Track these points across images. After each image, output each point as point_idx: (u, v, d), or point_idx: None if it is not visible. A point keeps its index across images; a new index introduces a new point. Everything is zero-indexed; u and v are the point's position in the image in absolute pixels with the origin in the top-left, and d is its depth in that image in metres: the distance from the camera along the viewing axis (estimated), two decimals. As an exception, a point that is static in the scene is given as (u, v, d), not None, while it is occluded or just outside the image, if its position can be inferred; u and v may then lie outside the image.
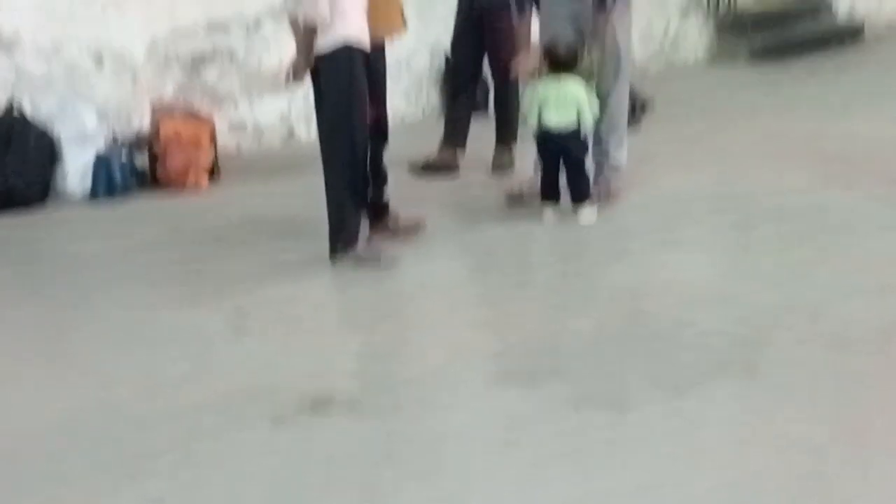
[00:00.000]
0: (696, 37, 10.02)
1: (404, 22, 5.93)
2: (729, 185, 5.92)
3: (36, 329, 5.00)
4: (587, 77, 5.81)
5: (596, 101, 5.72)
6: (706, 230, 5.31)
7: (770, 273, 4.59)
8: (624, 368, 3.98)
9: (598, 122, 5.97)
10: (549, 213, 5.84)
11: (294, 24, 5.30)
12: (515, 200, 6.11)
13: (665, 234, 5.35)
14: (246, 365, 4.37)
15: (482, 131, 7.08)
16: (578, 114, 5.70)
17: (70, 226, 6.70)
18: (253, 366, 4.37)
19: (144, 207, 6.95)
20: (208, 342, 4.57)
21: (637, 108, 7.81)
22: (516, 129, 6.92)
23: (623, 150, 6.09)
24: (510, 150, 6.94)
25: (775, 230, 5.08)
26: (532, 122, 5.88)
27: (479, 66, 7.15)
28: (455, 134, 7.03)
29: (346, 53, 5.18)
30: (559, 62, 5.71)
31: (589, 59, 5.97)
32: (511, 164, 6.84)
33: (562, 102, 5.68)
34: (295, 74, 5.31)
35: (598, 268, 5.02)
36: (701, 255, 5.00)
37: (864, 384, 3.63)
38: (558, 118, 5.70)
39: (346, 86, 5.22)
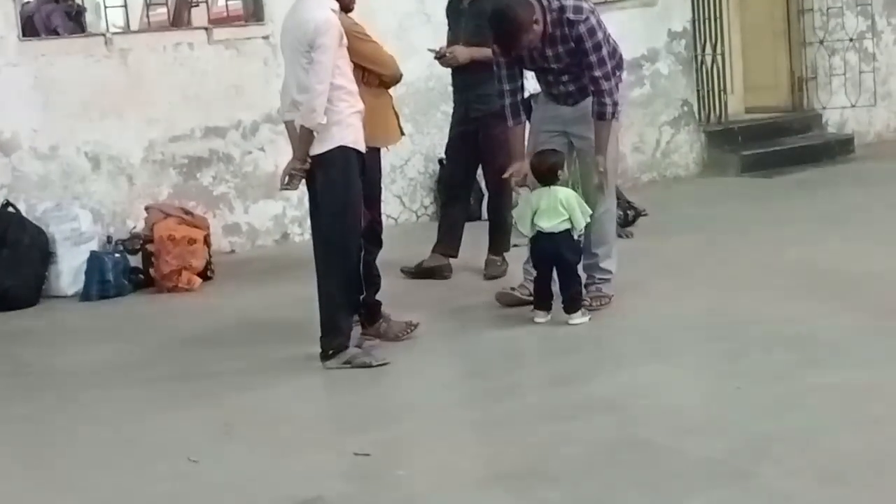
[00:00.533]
0: (687, 148, 10.15)
1: (401, 130, 6.02)
2: (719, 306, 5.92)
3: (18, 440, 4.90)
4: (573, 187, 5.89)
5: (587, 209, 5.77)
6: (697, 353, 5.29)
7: (760, 402, 4.56)
8: (613, 483, 3.95)
9: (587, 234, 6.02)
10: (540, 317, 5.85)
11: (290, 127, 5.37)
12: (507, 299, 6.12)
13: (656, 352, 5.33)
14: (234, 472, 4.31)
15: (476, 237, 7.13)
16: (569, 218, 5.74)
17: (61, 327, 6.69)
18: (240, 471, 4.31)
19: (137, 308, 6.96)
20: (195, 450, 4.50)
21: (629, 219, 7.91)
22: (509, 238, 6.98)
23: (613, 260, 6.13)
24: (503, 258, 6.98)
25: (766, 358, 5.07)
26: (524, 230, 5.93)
27: (472, 175, 7.23)
28: (448, 240, 7.07)
29: (342, 156, 5.24)
30: (542, 175, 5.78)
31: (574, 170, 6.05)
32: (504, 272, 6.88)
33: (552, 209, 5.74)
34: (291, 178, 5.34)
35: (588, 380, 5.00)
36: (691, 378, 4.99)
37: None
38: (549, 224, 5.75)
39: (341, 188, 5.27)
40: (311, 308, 5.46)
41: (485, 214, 7.65)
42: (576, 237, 5.83)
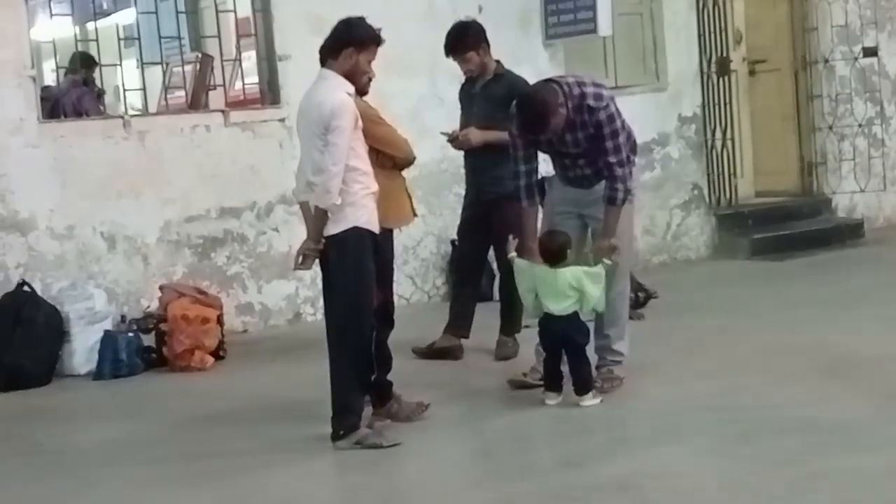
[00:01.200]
0: (697, 231, 10.21)
1: (413, 211, 6.08)
2: (731, 389, 5.91)
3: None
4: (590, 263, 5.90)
5: (603, 287, 5.77)
6: (709, 436, 5.27)
7: (772, 487, 4.55)
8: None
9: (599, 315, 6.03)
10: (552, 399, 5.85)
11: (305, 208, 5.43)
12: (518, 384, 6.13)
13: (668, 434, 5.32)
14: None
15: (487, 318, 7.15)
16: (579, 300, 5.76)
17: (74, 408, 6.71)
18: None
19: (149, 387, 6.97)
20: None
21: (640, 300, 7.93)
22: (521, 319, 7.00)
23: (625, 343, 6.14)
24: (514, 339, 7.01)
25: (778, 442, 5.05)
26: (529, 305, 5.95)
27: (484, 256, 7.28)
28: (460, 321, 7.10)
29: (356, 236, 5.29)
30: (551, 253, 5.81)
31: (590, 251, 6.08)
32: (515, 353, 6.89)
33: (560, 293, 5.76)
34: (304, 258, 5.39)
35: (599, 462, 4.98)
36: (702, 463, 4.97)
37: None
38: (557, 307, 5.77)
39: (354, 268, 5.31)
40: (322, 388, 5.47)
41: (496, 295, 7.67)
42: (586, 314, 5.84)
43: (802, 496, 4.44)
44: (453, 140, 6.98)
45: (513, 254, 5.96)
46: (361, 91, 5.48)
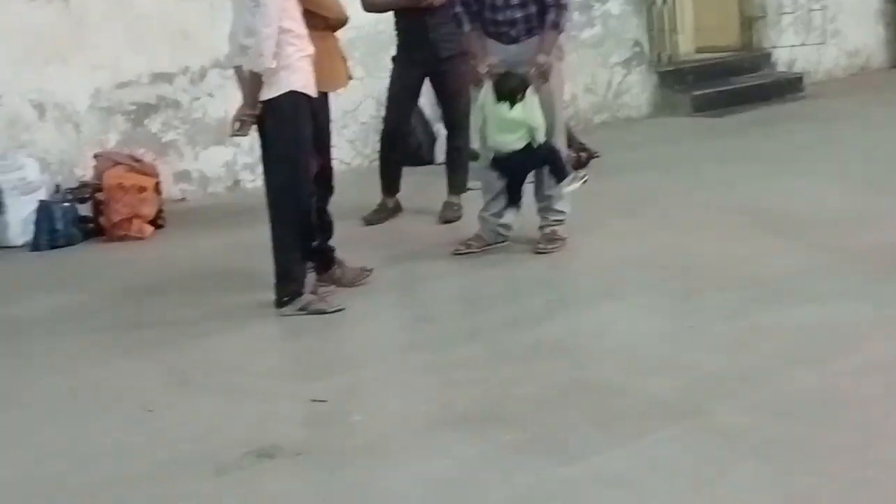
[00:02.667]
0: (638, 89, 10.15)
1: (349, 75, 5.97)
2: (672, 246, 5.95)
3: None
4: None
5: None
6: (650, 294, 5.32)
7: (713, 341, 4.61)
8: (567, 423, 3.99)
9: (540, 177, 6.08)
10: (510, 216, 5.96)
11: (239, 73, 5.31)
12: (463, 254, 6.13)
13: (609, 293, 5.35)
14: (188, 419, 4.31)
15: (429, 181, 7.11)
16: (529, 133, 5.79)
17: (10, 279, 6.61)
18: (195, 419, 4.31)
19: (87, 258, 6.89)
20: (150, 399, 4.49)
21: (583, 160, 7.91)
22: (467, 177, 7.00)
23: (566, 201, 6.13)
24: (460, 201, 6.98)
25: (718, 298, 5.11)
26: (481, 140, 5.99)
27: (410, 119, 7.28)
28: (393, 183, 7.10)
29: (292, 100, 5.19)
30: (503, 95, 5.78)
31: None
32: (459, 216, 6.88)
33: (509, 125, 5.78)
34: (241, 124, 5.29)
35: (541, 322, 5.02)
36: (644, 318, 5.02)
37: (806, 453, 3.63)
38: (503, 138, 5.79)
39: (291, 132, 5.22)
40: (264, 255, 5.43)
41: (437, 158, 7.61)
42: (536, 147, 5.87)
43: (742, 348, 4.52)
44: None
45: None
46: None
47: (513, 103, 5.80)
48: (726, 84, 10.26)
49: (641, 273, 5.63)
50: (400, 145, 7.17)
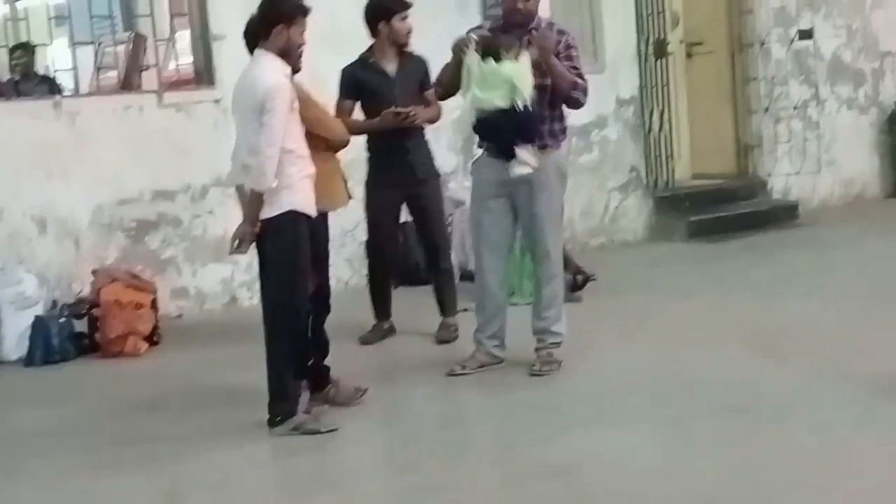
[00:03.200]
0: (635, 214, 10.24)
1: (349, 194, 6.03)
2: (669, 371, 5.94)
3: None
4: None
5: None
6: (647, 418, 5.29)
7: (710, 466, 4.58)
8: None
9: (538, 298, 6.10)
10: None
11: (241, 191, 5.36)
12: (458, 375, 6.11)
13: (606, 416, 5.33)
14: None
15: (421, 301, 7.12)
16: (512, 92, 5.74)
17: (4, 393, 6.58)
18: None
19: (82, 374, 6.86)
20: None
21: (578, 283, 7.94)
22: (456, 299, 7.02)
23: (562, 322, 6.14)
24: (455, 322, 6.99)
25: (715, 422, 5.08)
26: (468, 98, 5.93)
27: (397, 243, 7.32)
28: (388, 306, 7.11)
29: (292, 219, 5.23)
30: (492, 49, 5.79)
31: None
32: (455, 336, 6.88)
33: (493, 81, 5.75)
34: (240, 242, 5.32)
35: (538, 445, 4.98)
36: (641, 443, 4.98)
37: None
38: (487, 96, 5.77)
39: (290, 252, 5.25)
40: (259, 373, 5.41)
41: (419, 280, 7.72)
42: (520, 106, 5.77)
43: (742, 474, 4.47)
44: (402, 117, 6.81)
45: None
46: (296, 67, 5.40)
47: (497, 59, 5.76)
48: (722, 210, 10.36)
49: (637, 397, 5.60)
50: (388, 269, 7.20)
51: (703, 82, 10.90)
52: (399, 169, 6.89)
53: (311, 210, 5.31)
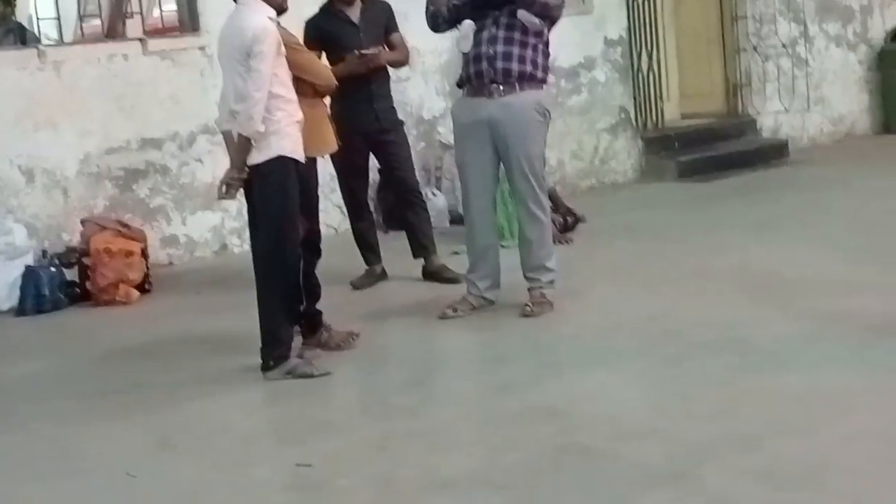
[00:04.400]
0: (625, 155, 10.23)
1: (336, 139, 6.00)
2: (659, 311, 5.94)
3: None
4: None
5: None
6: (638, 359, 5.30)
7: (701, 407, 4.59)
8: (555, 488, 3.96)
9: (528, 242, 6.09)
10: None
11: (228, 137, 5.34)
12: (450, 318, 6.13)
13: (597, 358, 5.31)
14: (171, 484, 4.27)
15: (404, 245, 7.15)
16: None
17: (-5, 342, 6.59)
18: (179, 484, 4.27)
19: (73, 322, 6.87)
20: (133, 464, 4.45)
21: (569, 225, 7.95)
22: (431, 237, 7.06)
23: (553, 261, 6.12)
24: (433, 256, 7.03)
25: (706, 364, 5.09)
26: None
27: (367, 191, 7.28)
28: (371, 252, 7.13)
29: (281, 165, 5.21)
30: None
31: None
32: (440, 270, 6.92)
33: None
34: (228, 188, 5.31)
35: (529, 387, 5.00)
36: (632, 384, 5.00)
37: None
38: None
39: (278, 197, 5.24)
40: (250, 319, 5.42)
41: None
42: None
43: (731, 415, 4.50)
44: (367, 59, 6.76)
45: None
46: (279, 8, 5.36)
47: None
48: (711, 150, 10.34)
49: (629, 338, 5.62)
50: (366, 214, 7.20)
51: (691, 22, 10.83)
52: (364, 116, 6.82)
53: (300, 155, 5.30)
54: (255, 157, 5.21)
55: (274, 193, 5.24)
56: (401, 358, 5.80)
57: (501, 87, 5.93)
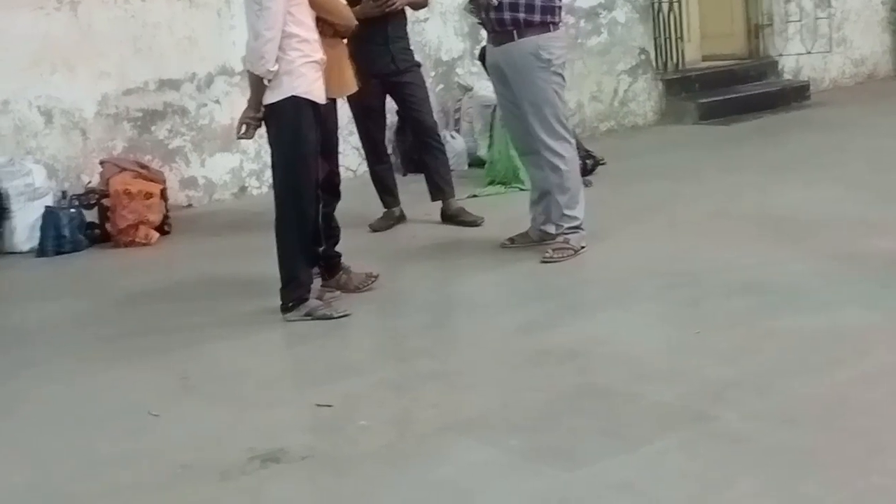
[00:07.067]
0: (645, 97, 10.15)
1: (356, 81, 5.97)
2: (679, 253, 5.92)
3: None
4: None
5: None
6: (657, 301, 5.29)
7: (719, 348, 4.58)
8: (574, 429, 3.98)
9: (550, 182, 6.06)
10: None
11: (249, 76, 5.31)
12: (507, 248, 6.22)
13: (616, 300, 5.31)
14: (193, 426, 4.29)
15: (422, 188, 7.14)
16: None
17: (16, 284, 6.63)
18: (200, 426, 4.29)
19: (93, 264, 6.90)
20: (154, 406, 4.47)
21: (588, 167, 7.91)
22: (449, 180, 7.04)
23: (576, 209, 6.10)
24: (451, 199, 7.02)
25: (725, 305, 5.08)
26: None
27: (384, 133, 7.28)
28: (390, 194, 7.12)
29: (293, 105, 5.18)
30: None
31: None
32: (458, 212, 6.92)
33: None
34: (245, 127, 5.29)
35: (549, 328, 5.01)
36: (651, 325, 4.99)
37: (812, 460, 3.61)
38: None
39: (293, 137, 5.22)
40: (270, 261, 5.43)
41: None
42: None
43: (749, 356, 4.50)
44: (382, 3, 6.71)
45: None
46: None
47: None
48: (732, 92, 10.27)
49: (648, 280, 5.61)
50: (383, 158, 7.17)
51: (713, -39, 10.71)
52: (380, 59, 6.79)
53: (316, 96, 5.25)
54: (269, 97, 5.18)
55: (285, 134, 5.22)
56: (419, 300, 5.81)
57: (499, 36, 5.96)
